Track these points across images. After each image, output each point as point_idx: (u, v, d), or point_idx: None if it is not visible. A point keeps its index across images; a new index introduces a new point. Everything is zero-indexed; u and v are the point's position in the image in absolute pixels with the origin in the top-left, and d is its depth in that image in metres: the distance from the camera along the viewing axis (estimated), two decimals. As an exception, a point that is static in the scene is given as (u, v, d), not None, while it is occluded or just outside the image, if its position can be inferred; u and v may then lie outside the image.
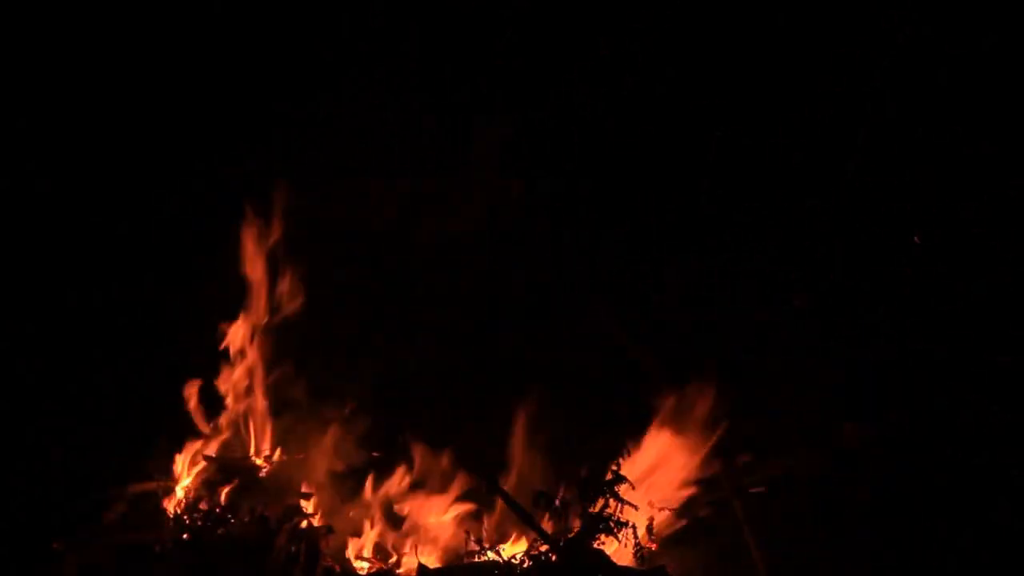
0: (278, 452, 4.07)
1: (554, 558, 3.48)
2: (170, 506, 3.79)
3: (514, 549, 3.66)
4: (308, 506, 3.82)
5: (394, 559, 3.75)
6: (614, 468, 3.62)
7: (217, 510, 3.70)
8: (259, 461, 4.03)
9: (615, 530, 3.53)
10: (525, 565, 3.51)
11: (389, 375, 4.50)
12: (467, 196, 4.88)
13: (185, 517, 3.66)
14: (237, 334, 4.13)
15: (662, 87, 5.12)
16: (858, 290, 4.80)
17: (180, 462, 3.96)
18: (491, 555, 3.58)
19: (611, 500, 3.55)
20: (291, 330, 4.21)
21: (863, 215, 4.91)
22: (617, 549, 3.57)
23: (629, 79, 5.14)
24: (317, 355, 4.31)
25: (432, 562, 3.69)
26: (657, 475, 3.75)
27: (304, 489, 3.90)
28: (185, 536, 3.58)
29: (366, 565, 3.71)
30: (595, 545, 3.52)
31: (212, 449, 4.01)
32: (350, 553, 3.72)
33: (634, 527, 3.57)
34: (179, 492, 3.85)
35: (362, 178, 4.98)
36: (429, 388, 4.58)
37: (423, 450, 3.95)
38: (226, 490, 3.79)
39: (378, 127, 5.00)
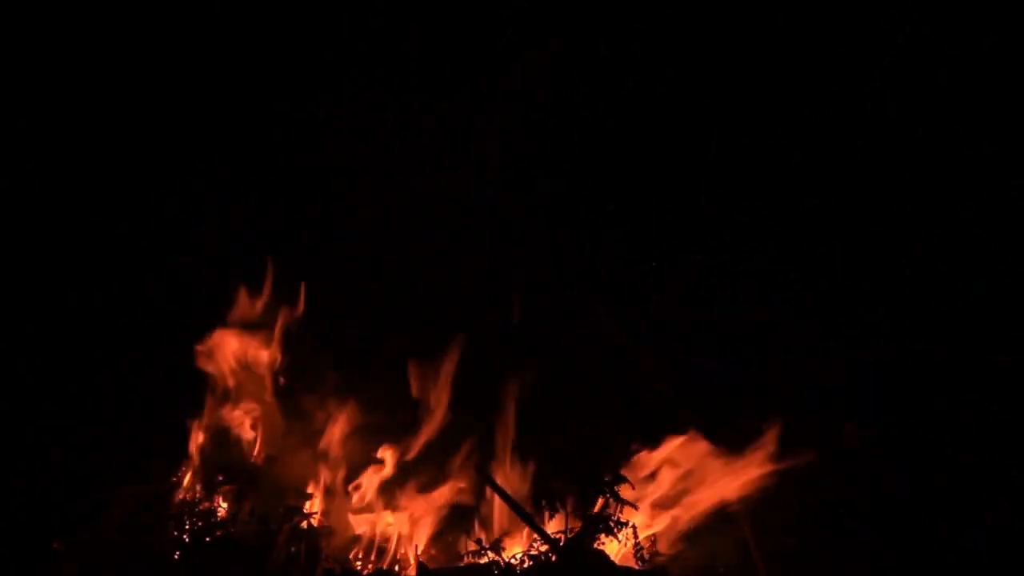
0: (279, 453, 4.07)
1: (554, 558, 3.47)
2: (170, 506, 3.79)
3: (514, 549, 3.66)
4: (308, 506, 3.82)
5: (394, 559, 3.75)
6: (615, 468, 3.62)
7: (217, 511, 3.70)
8: (259, 462, 4.03)
9: (615, 530, 3.53)
10: (525, 565, 3.51)
11: (391, 375, 4.49)
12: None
13: (185, 517, 3.66)
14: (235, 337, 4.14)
15: (662, 87, 5.11)
16: (858, 290, 4.80)
17: (180, 462, 3.96)
18: (491, 555, 3.58)
19: (611, 500, 3.55)
20: (294, 330, 4.21)
21: (863, 215, 4.90)
22: (617, 549, 3.57)
23: (629, 79, 5.14)
24: (319, 355, 4.30)
25: (432, 562, 3.69)
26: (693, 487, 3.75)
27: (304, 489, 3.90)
28: (185, 536, 3.59)
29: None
30: (595, 545, 3.52)
31: (212, 449, 4.00)
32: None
33: (634, 527, 3.57)
34: (179, 493, 3.85)
35: (362, 178, 4.98)
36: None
37: (423, 449, 3.96)
38: (227, 491, 3.79)
39: (378, 127, 5.00)
